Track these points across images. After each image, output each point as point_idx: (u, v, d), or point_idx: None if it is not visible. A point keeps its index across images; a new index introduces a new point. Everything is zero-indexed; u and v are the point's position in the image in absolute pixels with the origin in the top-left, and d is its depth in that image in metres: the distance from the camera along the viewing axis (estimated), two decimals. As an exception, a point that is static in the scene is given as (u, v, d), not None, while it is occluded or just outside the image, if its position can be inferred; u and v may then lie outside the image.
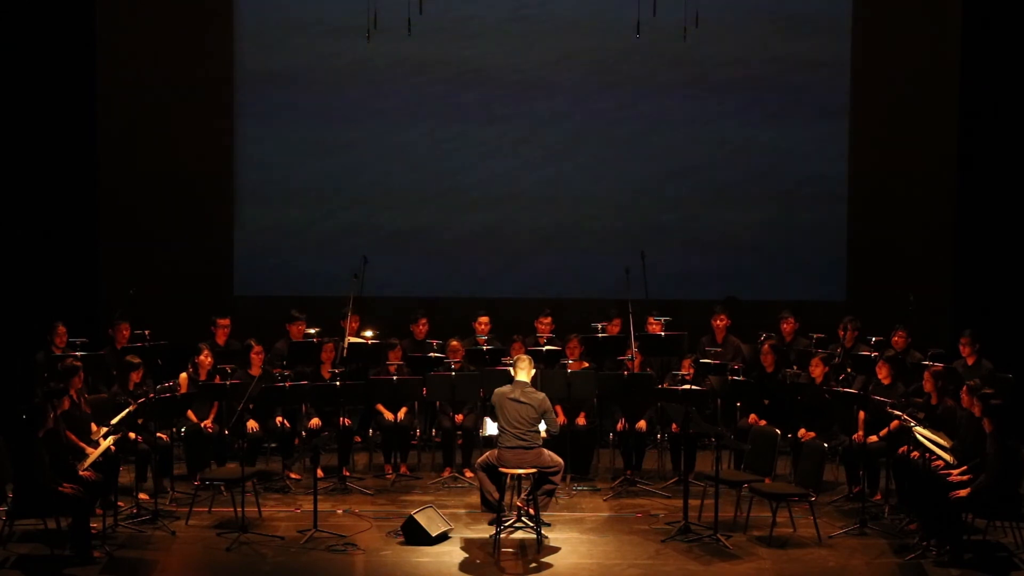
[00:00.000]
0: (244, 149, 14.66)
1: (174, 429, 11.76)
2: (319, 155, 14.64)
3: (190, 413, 11.83)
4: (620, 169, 14.61)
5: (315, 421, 12.16)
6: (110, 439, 10.47)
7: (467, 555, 10.06)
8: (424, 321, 13.11)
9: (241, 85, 14.59)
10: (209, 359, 12.00)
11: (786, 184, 14.56)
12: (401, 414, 12.37)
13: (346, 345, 12.06)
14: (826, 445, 10.91)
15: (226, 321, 12.84)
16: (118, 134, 14.47)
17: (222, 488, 11.07)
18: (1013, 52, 14.01)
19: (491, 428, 11.30)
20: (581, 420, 12.28)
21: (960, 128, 14.29)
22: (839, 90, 14.49)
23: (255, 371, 12.10)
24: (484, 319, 13.07)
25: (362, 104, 14.58)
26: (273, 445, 12.42)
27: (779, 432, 11.06)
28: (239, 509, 10.49)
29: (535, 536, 10.31)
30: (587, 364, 12.42)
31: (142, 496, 11.11)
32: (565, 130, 14.58)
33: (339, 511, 11.14)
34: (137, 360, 11.57)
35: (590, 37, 14.46)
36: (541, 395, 10.57)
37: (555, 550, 10.19)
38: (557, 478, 10.63)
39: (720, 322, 12.94)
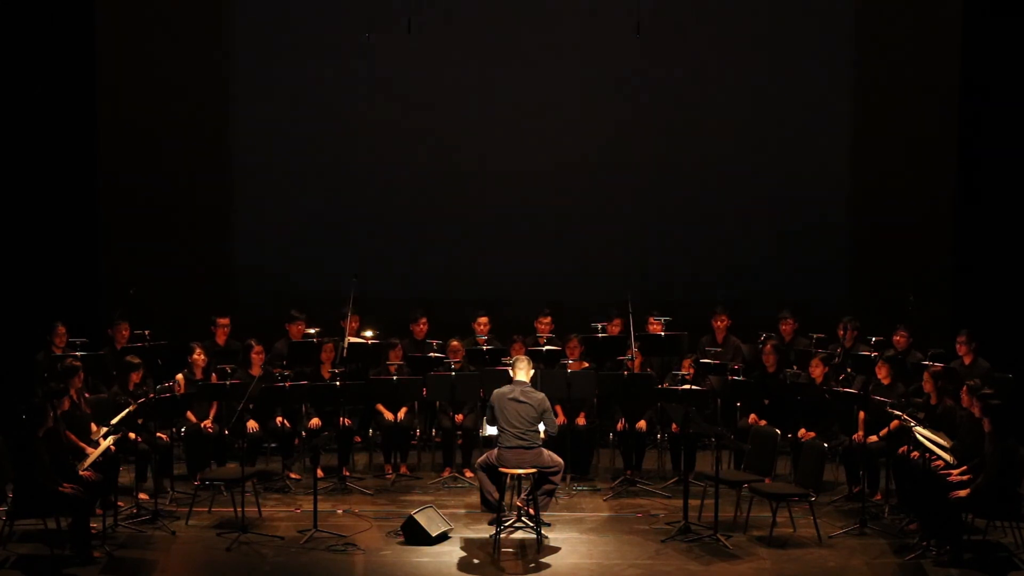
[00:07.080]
0: (243, 150, 14.65)
1: (174, 429, 11.77)
2: (319, 155, 14.63)
3: (190, 413, 11.83)
4: (620, 169, 14.59)
5: (315, 421, 12.16)
6: (110, 439, 10.47)
7: (467, 555, 10.06)
8: (424, 321, 13.11)
9: (240, 85, 14.58)
10: (203, 356, 12.01)
11: (787, 184, 14.54)
12: (401, 414, 12.37)
13: (346, 345, 12.05)
14: (826, 445, 10.91)
15: (226, 321, 12.86)
16: (118, 134, 14.45)
17: (222, 488, 11.07)
18: (1014, 53, 13.99)
19: (491, 428, 11.30)
20: (581, 420, 12.27)
21: (961, 129, 14.28)
22: (841, 90, 14.49)
23: (255, 371, 12.10)
24: (484, 319, 13.07)
25: (362, 104, 14.55)
26: (273, 445, 12.42)
27: (779, 432, 11.06)
28: (239, 509, 10.49)
29: (535, 536, 10.30)
30: (587, 364, 12.42)
31: (142, 496, 11.13)
32: (565, 131, 14.54)
33: (339, 511, 11.14)
34: (137, 360, 11.55)
35: (589, 39, 14.44)
36: (540, 395, 10.56)
37: (555, 550, 10.19)
38: (557, 478, 10.62)
39: (720, 322, 12.95)
